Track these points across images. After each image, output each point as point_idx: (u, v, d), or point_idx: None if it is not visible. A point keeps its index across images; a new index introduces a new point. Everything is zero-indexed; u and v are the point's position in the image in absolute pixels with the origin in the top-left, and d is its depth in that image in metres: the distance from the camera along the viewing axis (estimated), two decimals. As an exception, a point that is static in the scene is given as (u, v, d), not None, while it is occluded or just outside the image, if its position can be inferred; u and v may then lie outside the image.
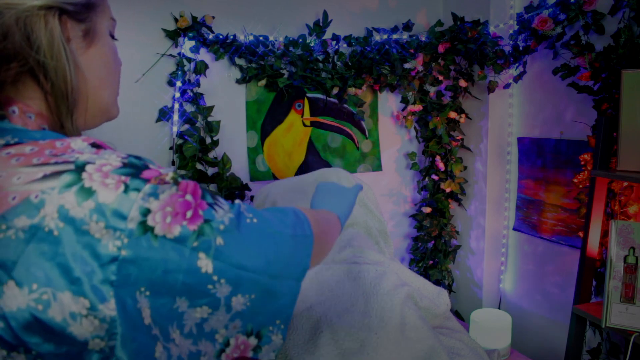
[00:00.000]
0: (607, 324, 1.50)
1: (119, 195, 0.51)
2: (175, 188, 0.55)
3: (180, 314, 0.54)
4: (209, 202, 0.57)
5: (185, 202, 0.55)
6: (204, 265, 0.54)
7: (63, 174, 0.51)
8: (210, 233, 0.55)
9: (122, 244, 0.50)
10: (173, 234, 0.53)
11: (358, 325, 1.30)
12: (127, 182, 0.52)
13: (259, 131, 2.13)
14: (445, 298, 1.54)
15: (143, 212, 0.52)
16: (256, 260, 0.58)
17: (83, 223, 0.50)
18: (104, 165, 0.53)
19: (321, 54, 2.12)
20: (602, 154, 1.59)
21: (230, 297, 0.56)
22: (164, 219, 0.52)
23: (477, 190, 2.34)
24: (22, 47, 0.56)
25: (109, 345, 0.51)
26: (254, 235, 0.59)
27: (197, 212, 0.55)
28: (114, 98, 0.70)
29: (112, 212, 0.50)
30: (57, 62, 0.58)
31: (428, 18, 2.38)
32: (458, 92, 2.26)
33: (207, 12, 1.95)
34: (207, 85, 2.01)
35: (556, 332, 2.06)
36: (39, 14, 0.57)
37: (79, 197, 0.50)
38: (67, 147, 0.55)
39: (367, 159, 2.35)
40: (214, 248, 0.55)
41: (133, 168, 0.54)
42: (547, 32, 1.83)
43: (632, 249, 1.48)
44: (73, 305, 0.49)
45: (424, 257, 2.44)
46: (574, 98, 1.87)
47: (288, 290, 0.62)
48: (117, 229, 0.50)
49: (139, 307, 0.52)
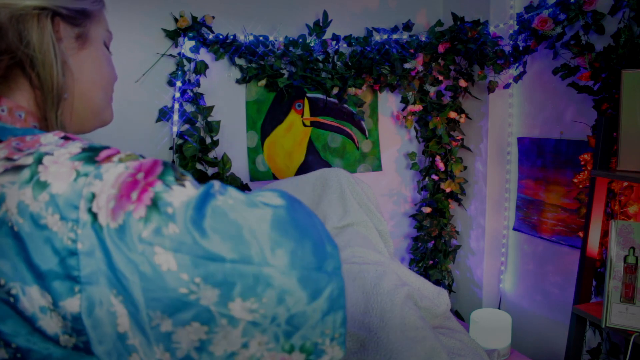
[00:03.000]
0: (607, 324, 1.50)
1: (70, 183, 0.48)
2: (123, 165, 0.48)
3: (166, 335, 0.44)
4: (166, 181, 0.47)
5: (133, 182, 0.47)
6: (163, 262, 0.43)
7: (23, 169, 0.50)
8: (159, 218, 0.44)
9: (76, 236, 0.47)
10: (117, 223, 0.45)
11: (358, 325, 1.30)
12: (79, 168, 0.48)
13: (259, 131, 2.13)
14: (445, 298, 1.54)
15: (89, 197, 0.47)
16: (241, 247, 0.44)
17: (40, 217, 0.48)
18: (63, 154, 0.50)
19: (321, 54, 2.12)
20: (602, 154, 1.59)
21: (225, 303, 0.43)
22: (107, 204, 0.46)
23: (477, 190, 2.34)
24: (14, 42, 0.58)
25: (82, 341, 0.48)
26: (226, 217, 0.45)
27: (144, 191, 0.46)
28: (106, 102, 0.70)
29: (64, 202, 0.47)
30: (45, 56, 0.59)
31: (428, 18, 2.38)
32: (458, 92, 2.26)
33: (207, 12, 1.95)
34: (207, 85, 2.01)
35: (556, 332, 2.06)
36: (32, 13, 0.58)
37: (35, 191, 0.48)
38: (36, 142, 0.54)
39: (367, 159, 2.35)
40: (168, 238, 0.43)
41: (90, 152, 0.50)
42: (547, 32, 1.83)
43: (632, 249, 1.48)
44: (42, 299, 0.48)
45: (424, 257, 2.44)
46: (574, 98, 1.87)
47: (326, 285, 0.45)
48: (70, 220, 0.47)
49: (114, 311, 0.46)
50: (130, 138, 1.91)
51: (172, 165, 0.50)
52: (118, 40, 0.72)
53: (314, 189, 1.83)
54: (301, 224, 0.47)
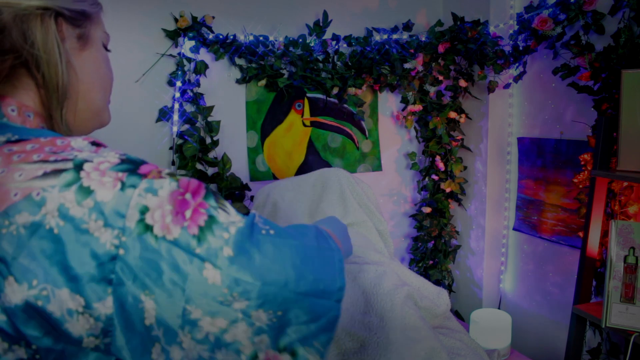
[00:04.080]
0: (607, 324, 1.50)
1: (116, 193, 0.51)
2: (176, 184, 0.53)
3: (193, 321, 0.52)
4: (212, 205, 0.54)
5: (184, 201, 0.52)
6: (210, 277, 0.51)
7: (63, 173, 0.51)
8: (214, 241, 0.52)
9: (120, 242, 0.50)
10: (172, 236, 0.51)
11: (358, 325, 1.30)
12: (124, 179, 0.51)
13: (259, 131, 2.13)
14: (445, 298, 1.54)
15: (141, 209, 0.51)
16: (276, 274, 0.54)
17: (82, 222, 0.50)
18: (102, 163, 0.53)
19: (321, 54, 2.12)
20: (602, 154, 1.59)
21: (249, 311, 0.52)
22: (163, 218, 0.51)
23: (477, 190, 2.34)
24: (18, 42, 0.58)
25: (105, 342, 0.51)
26: (270, 247, 0.55)
27: (197, 212, 0.52)
28: (105, 103, 0.71)
29: (110, 210, 0.50)
30: (50, 55, 0.60)
31: (428, 18, 2.38)
32: (458, 92, 2.26)
33: (207, 12, 1.95)
34: (207, 85, 2.01)
35: (556, 332, 2.06)
36: (36, 13, 0.59)
37: (78, 196, 0.50)
38: (67, 146, 0.56)
39: (367, 159, 2.35)
40: (221, 258, 0.51)
41: (130, 164, 0.53)
42: (547, 32, 1.83)
43: (632, 249, 1.48)
44: (70, 302, 0.50)
45: (424, 257, 2.44)
46: (574, 98, 1.87)
47: (325, 311, 0.57)
48: (115, 227, 0.50)
49: (142, 307, 0.51)
50: (130, 138, 1.91)
51: (212, 189, 0.56)
52: (118, 40, 0.73)
53: (314, 189, 1.83)
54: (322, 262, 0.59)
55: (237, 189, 2.03)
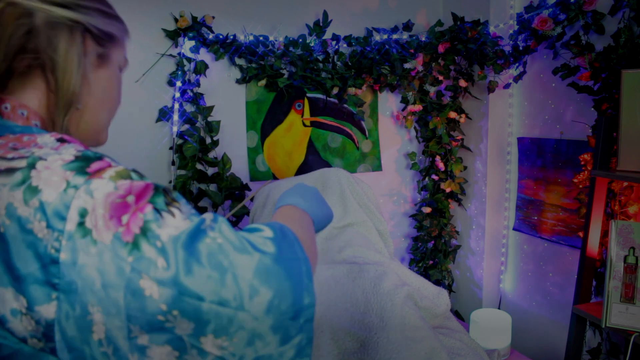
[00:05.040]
0: (607, 324, 1.50)
1: (59, 193, 0.49)
2: (113, 185, 0.50)
3: (142, 348, 0.47)
4: (157, 207, 0.49)
5: (123, 204, 0.49)
6: (147, 287, 0.46)
7: (16, 172, 0.51)
8: (148, 249, 0.47)
9: (60, 246, 0.48)
10: (105, 242, 0.47)
11: (358, 325, 1.30)
12: (70, 178, 0.50)
13: (259, 131, 2.13)
14: (445, 298, 1.54)
15: (81, 212, 0.48)
16: (222, 291, 0.46)
17: (28, 222, 0.49)
18: (55, 161, 0.51)
19: (321, 54, 2.12)
20: (602, 154, 1.59)
21: (197, 336, 0.46)
22: (98, 222, 0.48)
23: (477, 190, 2.34)
24: (42, 45, 0.60)
25: (49, 346, 0.50)
26: (213, 259, 0.47)
27: (134, 217, 0.48)
28: (107, 123, 0.72)
29: (52, 211, 0.49)
30: (68, 63, 0.62)
31: (428, 18, 2.38)
32: (458, 92, 2.26)
33: (207, 12, 1.95)
34: (207, 85, 2.01)
35: (556, 332, 2.06)
36: (67, 23, 0.62)
37: (26, 196, 0.49)
38: (32, 142, 0.55)
39: (367, 159, 2.35)
40: (154, 269, 0.46)
41: (83, 161, 0.51)
42: (547, 32, 1.83)
43: (632, 249, 1.48)
44: (14, 302, 0.49)
45: (424, 257, 2.44)
46: (574, 98, 1.87)
47: (296, 334, 0.49)
48: (56, 230, 0.48)
49: (90, 319, 0.48)
50: (130, 138, 1.91)
51: (165, 188, 0.51)
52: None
53: (314, 189, 1.83)
54: (284, 275, 0.49)
55: (237, 189, 2.03)
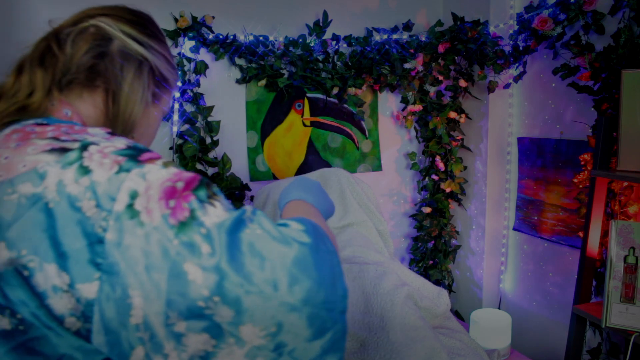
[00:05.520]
0: (607, 324, 1.50)
1: (111, 175, 0.51)
2: (166, 171, 0.52)
3: (178, 336, 0.47)
4: (199, 198, 0.51)
5: (172, 189, 0.51)
6: (191, 271, 0.47)
7: (68, 152, 0.53)
8: (192, 235, 0.48)
9: (107, 226, 0.49)
10: (154, 223, 0.49)
11: (358, 325, 1.30)
12: (122, 162, 0.52)
13: (259, 131, 2.13)
14: (445, 298, 1.54)
15: (131, 194, 0.50)
16: (262, 279, 0.47)
17: (77, 200, 0.50)
18: (107, 147, 0.54)
19: (321, 54, 2.12)
20: (602, 154, 1.59)
21: (236, 324, 0.46)
22: (148, 203, 0.49)
23: (477, 190, 2.34)
24: (113, 71, 0.66)
25: (85, 327, 0.50)
26: (254, 248, 0.48)
27: (180, 204, 0.50)
28: None
29: (102, 191, 0.50)
30: (133, 93, 0.68)
31: (428, 18, 2.38)
32: (458, 92, 2.26)
33: (207, 12, 1.95)
34: (207, 85, 2.01)
35: (556, 332, 2.06)
36: (138, 58, 0.69)
37: (77, 175, 0.51)
38: (84, 131, 0.58)
39: (367, 159, 2.35)
40: (198, 254, 0.47)
41: (134, 150, 0.54)
42: (547, 32, 1.83)
43: (632, 249, 1.48)
44: (57, 278, 0.49)
45: (424, 257, 2.44)
46: (574, 98, 1.87)
47: (329, 326, 0.49)
48: (104, 210, 0.49)
49: (129, 303, 0.48)
50: (130, 138, 1.91)
51: (208, 182, 0.54)
52: None
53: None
54: (321, 265, 0.50)
55: (237, 189, 2.03)
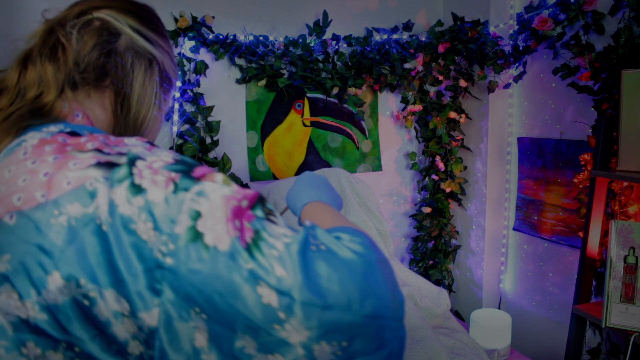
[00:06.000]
0: (607, 324, 1.50)
1: (168, 194, 0.47)
2: (229, 189, 0.48)
3: (248, 356, 0.45)
4: (258, 216, 0.48)
5: (237, 209, 0.47)
6: (265, 295, 0.44)
7: (116, 167, 0.49)
8: (263, 258, 0.45)
9: (168, 250, 0.45)
10: (224, 247, 0.45)
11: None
12: (177, 180, 0.48)
13: (259, 131, 2.13)
14: (445, 298, 1.54)
15: (193, 215, 0.46)
16: (336, 296, 0.45)
17: (131, 221, 0.46)
18: (155, 161, 0.50)
19: (321, 54, 2.12)
20: (602, 154, 1.59)
21: (310, 344, 0.44)
22: (215, 226, 0.45)
23: (477, 190, 2.34)
24: (123, 71, 0.63)
25: (148, 354, 0.47)
26: (324, 265, 0.46)
27: (243, 223, 0.46)
28: None
29: (161, 213, 0.46)
30: (146, 95, 0.65)
31: (428, 18, 2.37)
32: (458, 92, 2.26)
33: (207, 12, 1.95)
34: (207, 85, 2.01)
35: (556, 332, 2.06)
36: (147, 57, 0.65)
37: (129, 194, 0.47)
38: (121, 141, 0.54)
39: (367, 159, 2.35)
40: (274, 277, 0.44)
41: (184, 165, 0.50)
42: (547, 32, 1.83)
43: (632, 249, 1.48)
44: (116, 304, 0.46)
45: (424, 257, 2.44)
46: (574, 98, 1.87)
47: (392, 335, 0.48)
48: (164, 233, 0.45)
49: (193, 327, 0.45)
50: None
51: (262, 197, 0.51)
52: None
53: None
54: (384, 276, 0.49)
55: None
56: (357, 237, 0.51)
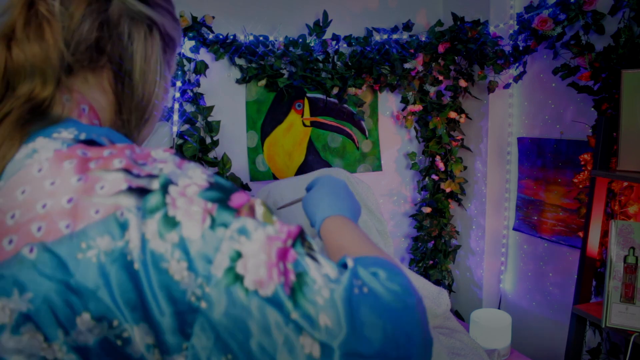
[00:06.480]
0: (607, 324, 1.50)
1: (205, 230, 0.42)
2: (272, 228, 0.44)
3: None
4: (300, 253, 0.44)
5: (282, 251, 0.43)
6: (308, 345, 0.41)
7: (148, 195, 0.43)
8: (308, 305, 0.42)
9: (203, 293, 0.41)
10: (266, 292, 0.41)
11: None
12: (214, 213, 0.43)
13: (259, 131, 2.13)
14: (445, 298, 1.54)
15: (232, 256, 0.42)
16: (378, 344, 0.43)
17: (163, 259, 0.42)
18: (188, 185, 0.44)
19: (321, 54, 2.12)
20: (602, 154, 1.59)
21: None
22: (257, 269, 0.42)
23: (477, 190, 2.34)
24: (121, 45, 0.53)
25: None
26: (367, 312, 0.43)
27: (286, 264, 0.43)
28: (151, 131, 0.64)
29: (196, 252, 0.42)
30: (150, 71, 0.55)
31: (428, 18, 2.38)
32: (458, 92, 2.26)
33: (207, 12, 1.95)
34: (207, 85, 2.01)
35: (556, 332, 2.06)
36: (144, 22, 0.55)
37: (162, 227, 0.42)
38: (148, 155, 0.48)
39: (367, 159, 2.35)
40: (318, 328, 0.41)
41: (220, 191, 0.45)
42: (547, 32, 1.83)
43: (632, 249, 1.48)
44: (148, 337, 0.43)
45: (424, 257, 2.44)
46: (574, 98, 1.87)
47: None
48: (200, 275, 0.41)
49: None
50: (130, 138, 1.91)
51: (302, 231, 0.47)
52: None
53: (314, 189, 1.83)
54: (420, 320, 0.47)
55: None
56: (395, 275, 0.49)
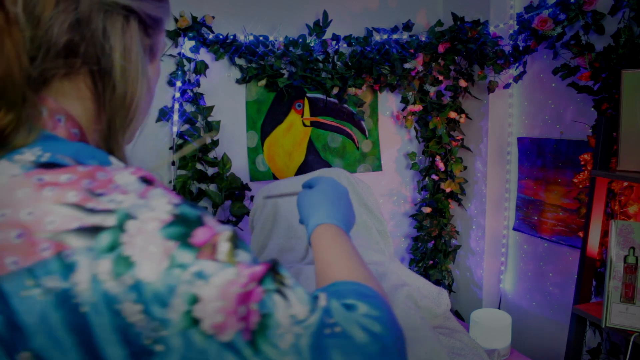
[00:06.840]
0: (607, 324, 1.50)
1: (162, 272, 0.40)
2: (234, 271, 0.42)
3: None
4: (269, 289, 0.42)
5: (244, 296, 0.41)
6: None
7: (101, 233, 0.41)
8: (271, 351, 0.40)
9: (159, 337, 0.40)
10: (225, 338, 0.40)
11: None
12: (173, 252, 0.41)
13: (259, 131, 2.13)
14: (445, 298, 1.54)
15: (189, 299, 0.40)
16: None
17: (116, 301, 0.40)
18: (149, 220, 0.42)
19: (321, 54, 2.12)
20: (602, 154, 1.59)
21: None
22: (215, 314, 0.40)
23: (477, 190, 2.34)
24: (92, 44, 0.48)
25: None
26: (341, 355, 0.42)
27: (249, 306, 0.41)
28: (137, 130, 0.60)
29: (152, 295, 0.40)
30: (131, 69, 0.50)
31: (428, 18, 2.38)
32: (458, 92, 2.26)
33: (207, 12, 1.95)
34: (207, 85, 2.01)
35: (556, 332, 2.06)
36: (120, 12, 0.49)
37: (116, 268, 0.40)
38: (109, 182, 0.43)
39: (367, 159, 2.35)
40: None
41: (184, 225, 0.42)
42: (547, 32, 1.83)
43: (632, 249, 1.48)
44: None
45: (424, 257, 2.44)
46: (574, 98, 1.87)
47: None
48: (155, 319, 0.40)
49: None
50: (130, 138, 1.91)
51: (275, 262, 0.45)
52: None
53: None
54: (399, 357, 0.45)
55: (237, 189, 2.03)
56: (376, 309, 0.46)
